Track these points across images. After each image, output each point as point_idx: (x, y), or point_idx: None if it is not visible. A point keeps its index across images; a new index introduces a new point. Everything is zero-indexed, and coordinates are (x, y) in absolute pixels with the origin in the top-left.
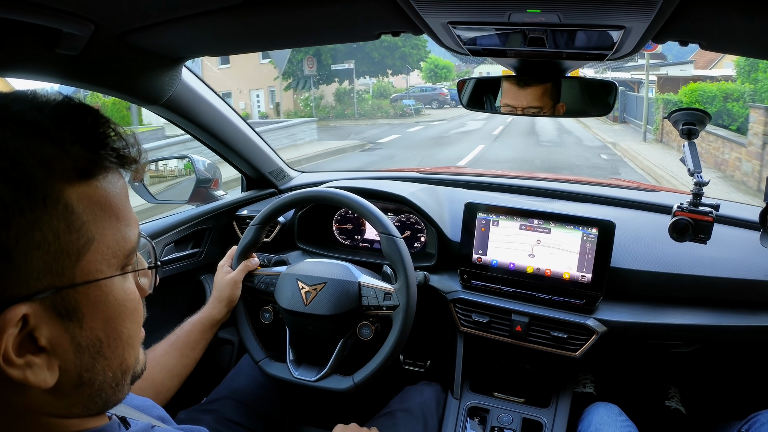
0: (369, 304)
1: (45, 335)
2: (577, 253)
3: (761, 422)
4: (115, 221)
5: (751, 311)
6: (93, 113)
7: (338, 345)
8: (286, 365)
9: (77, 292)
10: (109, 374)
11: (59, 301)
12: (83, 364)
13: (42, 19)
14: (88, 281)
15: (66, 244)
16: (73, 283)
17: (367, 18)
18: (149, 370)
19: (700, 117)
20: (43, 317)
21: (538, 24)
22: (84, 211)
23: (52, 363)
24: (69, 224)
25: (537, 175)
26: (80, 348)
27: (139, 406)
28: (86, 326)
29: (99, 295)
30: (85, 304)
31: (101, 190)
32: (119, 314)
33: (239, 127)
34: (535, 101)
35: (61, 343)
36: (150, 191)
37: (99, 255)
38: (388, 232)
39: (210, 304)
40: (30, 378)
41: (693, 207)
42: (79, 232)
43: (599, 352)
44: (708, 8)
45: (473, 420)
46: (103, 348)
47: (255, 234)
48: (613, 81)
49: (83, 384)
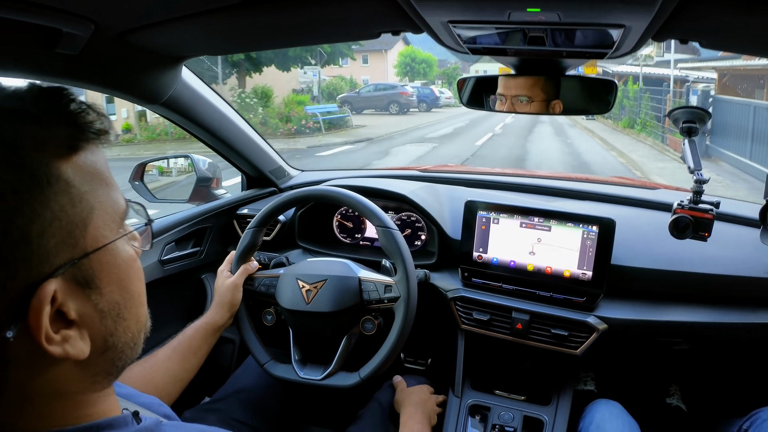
0: (370, 298)
1: (73, 308)
2: (577, 251)
3: (762, 419)
4: (106, 187)
5: (752, 308)
6: (66, 92)
7: (342, 342)
8: (291, 366)
9: (91, 261)
10: (129, 335)
11: (78, 273)
12: (107, 328)
13: (42, 18)
14: (98, 248)
15: (73, 216)
16: (86, 253)
17: (366, 17)
18: (151, 374)
19: (700, 115)
20: (68, 290)
21: (538, 23)
22: (81, 182)
23: (83, 333)
24: (71, 197)
25: (537, 173)
26: (103, 314)
27: (146, 404)
28: (105, 291)
29: (109, 259)
30: (99, 271)
31: (89, 161)
32: (128, 275)
33: (239, 126)
34: (524, 90)
35: (87, 312)
36: (150, 190)
37: (101, 222)
38: (384, 225)
39: (212, 310)
40: (70, 351)
41: (693, 204)
42: (81, 204)
43: (600, 349)
44: (708, 6)
45: (474, 418)
46: (121, 310)
47: (253, 237)
48: (613, 80)
49: (108, 348)
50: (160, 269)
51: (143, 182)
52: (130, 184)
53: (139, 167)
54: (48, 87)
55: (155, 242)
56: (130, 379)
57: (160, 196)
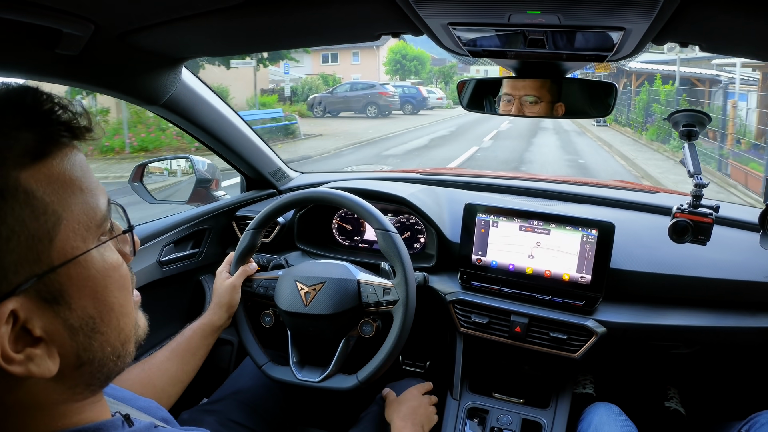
0: (369, 300)
1: (38, 325)
2: (576, 255)
3: (761, 423)
4: (80, 194)
5: (751, 313)
6: (31, 92)
7: (340, 344)
8: (289, 368)
9: (58, 275)
10: (108, 349)
11: (43, 288)
12: (80, 344)
13: (42, 19)
14: (67, 261)
15: (35, 229)
16: (51, 267)
17: (366, 18)
18: (150, 376)
19: (700, 118)
20: (32, 308)
21: (538, 25)
22: (45, 192)
23: (51, 350)
24: (33, 209)
25: (537, 176)
26: (74, 329)
27: (143, 408)
28: (75, 306)
29: (80, 271)
30: (69, 285)
31: (58, 167)
32: (105, 286)
33: (239, 127)
34: (533, 90)
35: (55, 329)
36: (149, 191)
37: (71, 232)
38: (384, 228)
39: (210, 310)
40: (34, 370)
41: (693, 208)
42: (45, 215)
43: (599, 353)
44: (708, 10)
45: (473, 421)
46: (96, 324)
47: (252, 238)
48: (612, 83)
49: (83, 364)
50: (159, 270)
51: (143, 183)
52: (129, 185)
53: (138, 168)
54: (11, 88)
55: (154, 243)
56: (128, 381)
57: (159, 197)
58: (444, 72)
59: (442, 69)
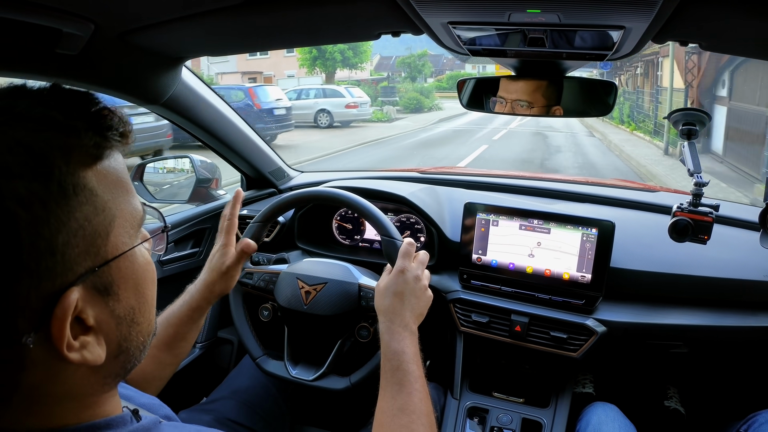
0: (368, 305)
1: (91, 314)
2: (576, 254)
3: (760, 422)
4: (126, 194)
5: (751, 312)
6: (91, 99)
7: (336, 345)
8: (283, 363)
9: (110, 268)
10: (140, 339)
11: (97, 280)
12: (122, 334)
13: (42, 18)
14: (118, 255)
15: (96, 225)
16: (106, 261)
17: (366, 18)
18: (140, 365)
19: (699, 117)
20: (87, 298)
21: (538, 24)
22: (104, 191)
23: (100, 339)
24: (95, 207)
25: (537, 175)
26: (119, 319)
27: (146, 405)
28: (122, 297)
29: (127, 266)
30: (117, 277)
31: (112, 168)
32: (144, 280)
33: (239, 126)
34: (525, 95)
35: (104, 319)
36: (150, 190)
37: (121, 229)
38: (391, 236)
39: (196, 291)
40: (88, 357)
41: (693, 207)
42: (104, 213)
43: (599, 352)
44: (708, 8)
45: (473, 420)
46: (136, 315)
47: (257, 231)
48: (613, 81)
49: (122, 353)
50: (159, 270)
51: (143, 182)
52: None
53: (138, 167)
54: (73, 91)
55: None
56: None
57: (159, 197)
58: (410, 63)
59: (406, 60)
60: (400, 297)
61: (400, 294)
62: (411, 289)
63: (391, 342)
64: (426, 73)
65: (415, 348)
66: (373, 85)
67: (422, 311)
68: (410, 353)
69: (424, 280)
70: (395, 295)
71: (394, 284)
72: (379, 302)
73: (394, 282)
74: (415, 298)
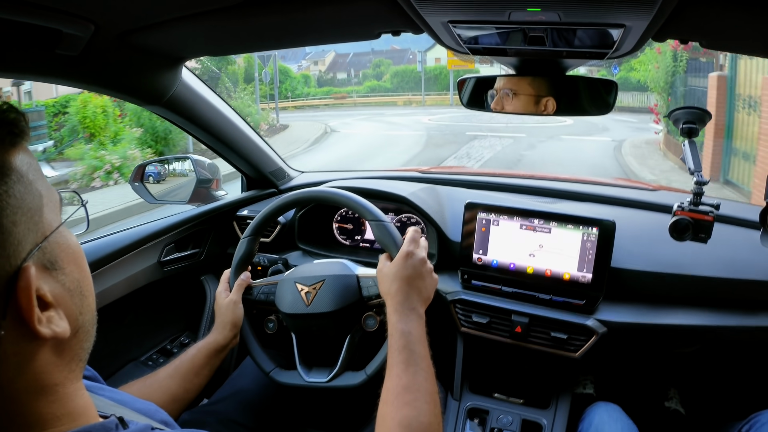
0: (370, 294)
1: (47, 290)
2: (577, 253)
3: (762, 422)
4: (43, 178)
5: (752, 311)
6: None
7: (346, 341)
8: (296, 371)
9: (50, 243)
10: (90, 313)
11: (43, 256)
12: (77, 306)
13: (42, 19)
14: (53, 230)
15: (30, 202)
16: (45, 236)
17: (367, 17)
18: (151, 393)
19: (700, 115)
20: (39, 275)
21: (538, 23)
22: (28, 171)
23: (60, 313)
24: (25, 185)
25: (537, 175)
26: (71, 292)
27: (142, 410)
28: (67, 271)
29: (63, 241)
30: (59, 251)
31: (27, 153)
32: (80, 255)
33: (239, 127)
34: (510, 84)
35: (59, 292)
36: (150, 191)
37: (49, 207)
38: (376, 218)
39: (215, 330)
40: (57, 330)
41: (693, 206)
42: (33, 191)
43: (599, 352)
44: (708, 7)
45: (473, 421)
46: (82, 287)
47: (248, 246)
48: (613, 80)
49: (79, 328)
50: (160, 271)
51: (143, 183)
52: (130, 185)
53: (138, 168)
54: None
55: (155, 243)
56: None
57: (160, 198)
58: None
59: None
60: (407, 281)
61: (408, 278)
62: (419, 273)
63: (398, 323)
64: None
65: (422, 330)
66: None
67: (429, 294)
68: (417, 334)
69: (429, 264)
70: (403, 279)
71: (402, 268)
72: (386, 287)
73: (401, 266)
74: (422, 281)
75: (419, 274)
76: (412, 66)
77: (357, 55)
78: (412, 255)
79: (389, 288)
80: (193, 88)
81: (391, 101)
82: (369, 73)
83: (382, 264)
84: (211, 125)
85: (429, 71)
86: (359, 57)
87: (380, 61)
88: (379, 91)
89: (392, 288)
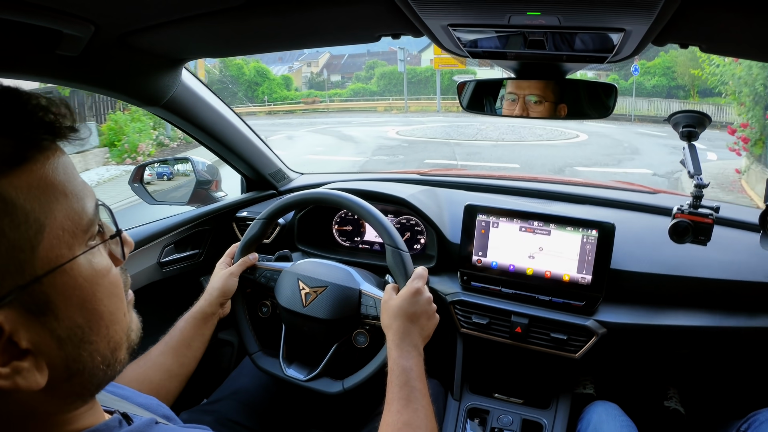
0: (367, 313)
1: (25, 337)
2: (577, 255)
3: (760, 421)
4: (64, 199)
5: (751, 313)
6: (9, 95)
7: (332, 349)
8: (278, 361)
9: (43, 285)
10: (98, 358)
11: (28, 299)
12: (69, 355)
13: (42, 20)
14: (51, 270)
15: (15, 239)
16: (35, 277)
17: (367, 20)
18: (146, 372)
19: (699, 119)
20: (18, 320)
21: (538, 26)
22: (26, 200)
23: (40, 363)
24: (12, 218)
25: (537, 177)
26: (62, 340)
27: (144, 404)
28: (62, 316)
29: (67, 280)
30: (55, 295)
31: (39, 172)
32: (93, 294)
33: (239, 128)
34: (537, 90)
35: (43, 341)
36: (149, 192)
37: (55, 240)
38: (395, 246)
39: (202, 297)
40: (21, 383)
41: (693, 209)
42: (27, 224)
43: (599, 353)
44: (707, 11)
45: (473, 421)
46: (85, 333)
47: (261, 228)
48: (613, 84)
49: (73, 375)
50: (159, 271)
51: (142, 184)
52: (130, 186)
53: (138, 169)
54: None
55: (155, 244)
56: (124, 379)
57: (159, 199)
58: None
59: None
60: (412, 318)
61: (412, 315)
62: (424, 311)
63: (399, 359)
64: None
65: (422, 367)
66: None
67: (430, 332)
68: (417, 371)
69: (434, 304)
70: (407, 316)
71: (409, 305)
72: (389, 320)
73: (408, 302)
74: (426, 319)
75: (424, 313)
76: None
77: (352, 56)
78: (420, 293)
79: (392, 322)
80: (193, 90)
81: (371, 107)
82: (362, 75)
83: (389, 296)
84: (210, 127)
85: (420, 73)
86: (354, 59)
87: (374, 63)
88: (363, 94)
89: (395, 323)
